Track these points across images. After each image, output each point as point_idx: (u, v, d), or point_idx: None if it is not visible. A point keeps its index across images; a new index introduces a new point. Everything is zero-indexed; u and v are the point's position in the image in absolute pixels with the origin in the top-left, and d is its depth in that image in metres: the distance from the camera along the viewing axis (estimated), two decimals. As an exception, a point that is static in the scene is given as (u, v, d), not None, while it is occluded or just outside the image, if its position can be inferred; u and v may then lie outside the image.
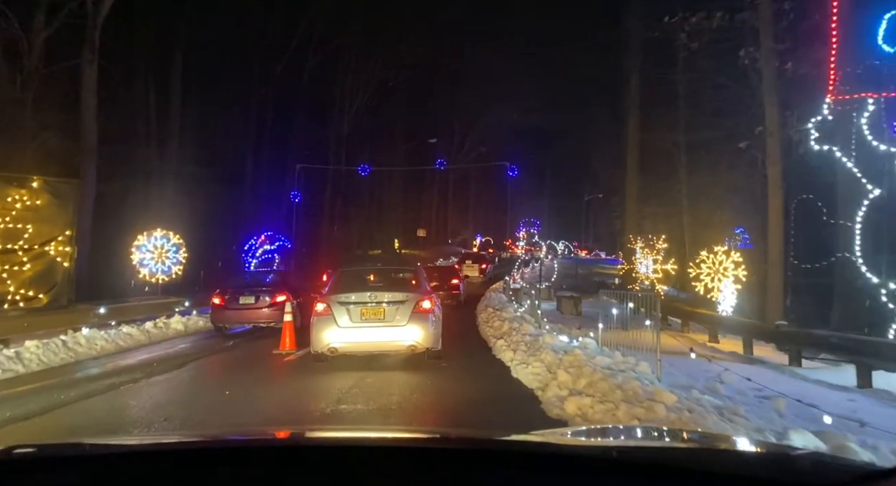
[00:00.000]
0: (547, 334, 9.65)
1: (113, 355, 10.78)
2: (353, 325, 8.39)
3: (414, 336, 8.35)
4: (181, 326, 13.84)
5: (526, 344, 9.55)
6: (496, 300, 20.52)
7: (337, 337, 8.43)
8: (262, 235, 23.51)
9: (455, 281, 20.68)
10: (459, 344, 11.24)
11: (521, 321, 12.79)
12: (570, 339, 10.04)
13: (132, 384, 8.16)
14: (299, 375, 8.89)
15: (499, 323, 12.97)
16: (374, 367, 8.84)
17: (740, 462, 1.50)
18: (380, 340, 8.45)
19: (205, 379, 9.10)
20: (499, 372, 8.70)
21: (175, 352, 11.30)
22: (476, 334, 13.28)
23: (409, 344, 8.39)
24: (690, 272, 16.86)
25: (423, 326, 8.41)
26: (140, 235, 16.62)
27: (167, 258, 16.74)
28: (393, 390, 7.39)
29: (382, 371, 8.66)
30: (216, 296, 13.19)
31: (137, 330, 12.33)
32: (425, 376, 8.25)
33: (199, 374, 9.40)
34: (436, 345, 8.70)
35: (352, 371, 8.42)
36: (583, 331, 14.18)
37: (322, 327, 8.49)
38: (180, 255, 16.93)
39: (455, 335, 11.86)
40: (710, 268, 15.88)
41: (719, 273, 15.57)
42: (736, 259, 15.40)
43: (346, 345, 8.49)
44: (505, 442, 1.60)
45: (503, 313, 14.85)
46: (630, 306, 12.01)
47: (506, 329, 11.87)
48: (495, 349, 10.32)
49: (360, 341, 8.47)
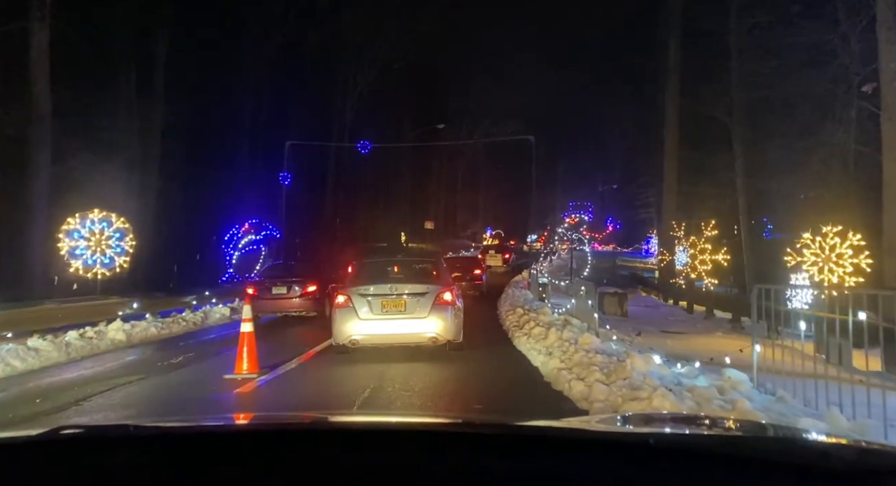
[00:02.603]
0: (636, 357, 6.21)
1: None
2: (374, 317, 8.31)
3: (435, 328, 8.28)
4: (122, 335, 10.57)
5: (604, 371, 6.17)
6: (522, 298, 17.20)
7: (358, 329, 8.33)
8: (246, 224, 20.11)
9: (478, 272, 20.17)
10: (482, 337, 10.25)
11: (570, 329, 9.43)
12: (663, 360, 6.61)
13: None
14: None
15: (540, 330, 9.60)
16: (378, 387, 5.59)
17: (778, 449, 1.49)
18: (401, 332, 8.34)
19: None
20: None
21: (92, 374, 8.06)
22: (498, 327, 11.94)
23: (430, 336, 8.31)
24: (788, 260, 13.24)
25: (444, 317, 8.33)
26: (71, 218, 13.12)
27: (108, 247, 13.31)
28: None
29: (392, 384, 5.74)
30: (249, 286, 13.53)
31: (50, 344, 9.06)
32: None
33: (92, 418, 6.09)
34: (457, 337, 8.59)
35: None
36: (646, 340, 10.83)
37: (343, 320, 8.39)
38: (126, 243, 13.47)
39: (477, 328, 10.92)
40: (818, 255, 12.28)
41: (830, 262, 12.00)
42: (856, 242, 11.79)
43: (366, 337, 8.38)
44: (538, 428, 1.60)
45: (539, 315, 11.48)
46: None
47: (553, 341, 8.49)
48: (553, 377, 6.90)
49: (381, 334, 8.38)
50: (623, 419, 2.52)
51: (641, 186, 60.24)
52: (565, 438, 1.44)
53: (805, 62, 15.37)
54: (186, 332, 12.43)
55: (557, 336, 8.69)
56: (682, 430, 1.88)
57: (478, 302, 16.90)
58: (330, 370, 8.27)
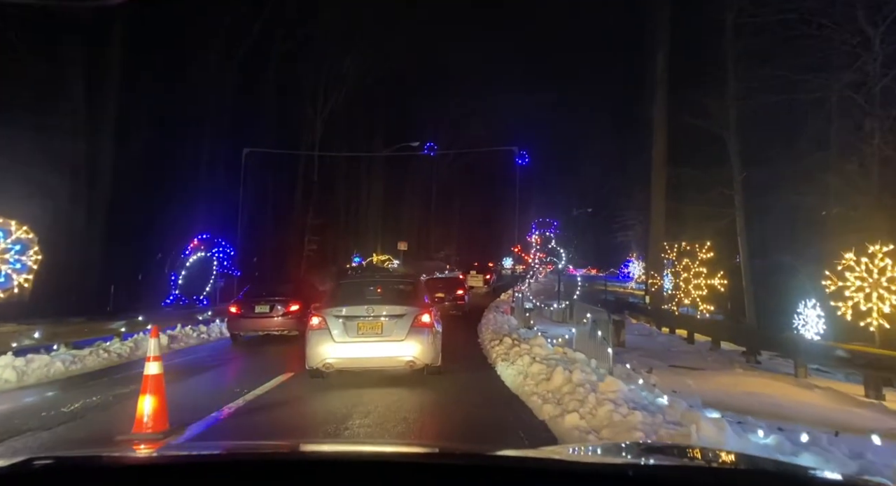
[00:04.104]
0: (703, 421, 4.31)
1: None
2: (350, 340, 8.02)
3: (412, 351, 8.00)
4: (10, 373, 8.32)
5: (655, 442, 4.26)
6: (507, 325, 15.35)
7: (332, 352, 8.02)
8: (195, 239, 17.87)
9: (461, 292, 20.14)
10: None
11: (578, 367, 7.53)
12: (728, 421, 4.71)
13: None
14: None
15: (539, 367, 7.68)
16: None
17: (751, 480, 1.46)
18: (377, 355, 8.04)
19: None
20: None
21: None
22: (483, 359, 10.69)
23: (407, 360, 8.02)
24: (828, 284, 11.45)
25: (422, 340, 8.05)
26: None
27: (2, 262, 10.97)
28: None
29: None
30: (232, 305, 13.60)
31: None
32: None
33: None
34: (435, 361, 8.29)
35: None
36: (662, 379, 9.04)
37: (317, 342, 8.07)
38: (28, 258, 11.13)
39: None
40: (864, 279, 10.54)
41: (880, 287, 10.28)
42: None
43: (341, 360, 8.07)
44: (514, 459, 1.57)
45: (532, 347, 9.60)
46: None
47: (561, 385, 6.57)
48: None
49: (357, 357, 8.06)
50: (601, 449, 2.44)
51: (618, 208, 59.39)
52: (542, 468, 1.43)
53: (812, 66, 13.98)
54: (106, 367, 10.20)
55: (565, 378, 6.79)
56: (661, 461, 1.75)
57: (460, 324, 16.31)
58: (283, 415, 6.41)
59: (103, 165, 16.43)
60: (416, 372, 8.17)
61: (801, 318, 15.49)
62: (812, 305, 14.89)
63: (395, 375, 8.25)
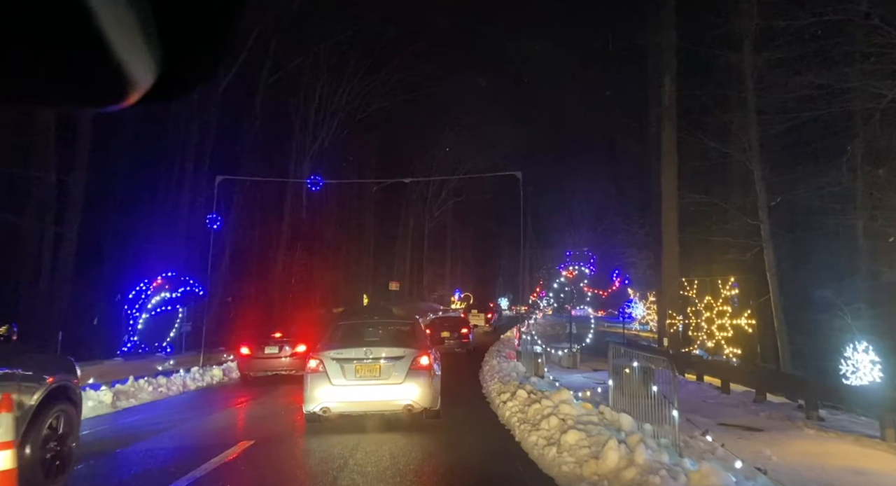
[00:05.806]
0: None
1: None
2: (348, 383, 7.74)
3: (411, 395, 7.69)
4: None
5: None
6: (515, 372, 13.33)
7: (330, 396, 7.72)
8: (159, 278, 15.83)
9: (465, 330, 20.44)
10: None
11: (632, 439, 5.55)
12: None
13: None
14: None
15: (577, 436, 5.68)
16: None
17: None
18: (375, 398, 7.73)
19: None
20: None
21: None
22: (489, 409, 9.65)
23: (405, 404, 7.73)
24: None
25: (420, 383, 7.73)
26: None
27: None
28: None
29: None
30: (244, 345, 13.97)
31: None
32: None
33: None
34: (434, 404, 7.94)
35: None
36: (725, 444, 7.04)
37: (315, 386, 7.76)
38: None
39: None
40: None
41: None
42: None
43: (339, 405, 7.76)
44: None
45: (558, 403, 7.59)
46: None
47: (623, 471, 4.60)
48: None
49: (355, 401, 7.77)
50: None
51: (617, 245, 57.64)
52: None
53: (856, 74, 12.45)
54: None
55: (624, 457, 4.78)
56: None
57: (464, 365, 16.00)
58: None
59: (48, 196, 14.52)
60: (415, 418, 7.84)
61: (849, 364, 13.58)
62: (864, 348, 13.00)
63: (390, 423, 7.89)
